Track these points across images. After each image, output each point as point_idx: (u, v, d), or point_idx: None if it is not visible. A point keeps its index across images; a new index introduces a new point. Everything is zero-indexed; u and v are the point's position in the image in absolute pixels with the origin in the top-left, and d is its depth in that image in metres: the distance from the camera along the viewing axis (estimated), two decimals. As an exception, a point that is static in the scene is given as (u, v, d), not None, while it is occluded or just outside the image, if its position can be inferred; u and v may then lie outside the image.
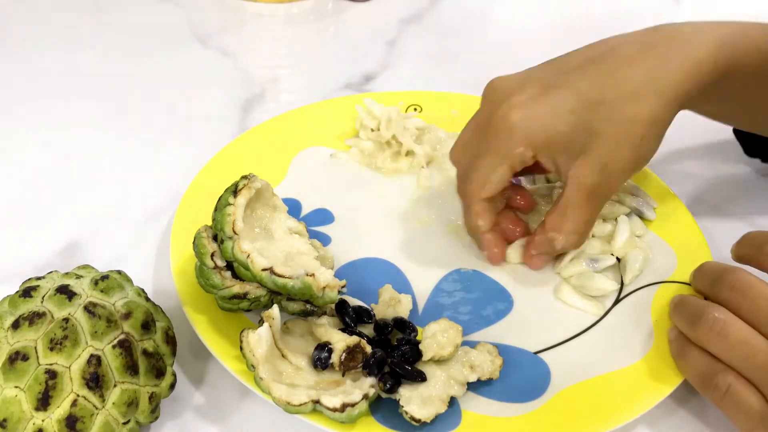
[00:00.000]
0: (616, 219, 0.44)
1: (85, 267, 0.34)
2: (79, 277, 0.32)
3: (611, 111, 0.36)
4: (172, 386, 0.33)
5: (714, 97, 0.40)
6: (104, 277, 0.32)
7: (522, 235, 0.42)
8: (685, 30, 0.38)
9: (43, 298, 0.30)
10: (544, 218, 0.40)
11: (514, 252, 0.42)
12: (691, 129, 0.56)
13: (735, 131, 0.51)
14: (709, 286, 0.35)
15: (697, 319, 0.33)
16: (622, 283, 0.41)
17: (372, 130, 0.50)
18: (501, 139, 0.37)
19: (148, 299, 0.33)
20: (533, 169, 0.40)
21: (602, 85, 0.37)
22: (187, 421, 0.35)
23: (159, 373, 0.32)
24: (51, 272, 0.33)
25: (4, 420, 0.28)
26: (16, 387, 0.29)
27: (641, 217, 0.44)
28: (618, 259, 0.42)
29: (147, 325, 0.32)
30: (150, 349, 0.31)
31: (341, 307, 0.36)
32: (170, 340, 0.33)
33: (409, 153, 0.50)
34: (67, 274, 0.32)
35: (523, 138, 0.37)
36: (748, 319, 0.32)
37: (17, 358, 0.29)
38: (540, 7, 0.76)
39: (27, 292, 0.31)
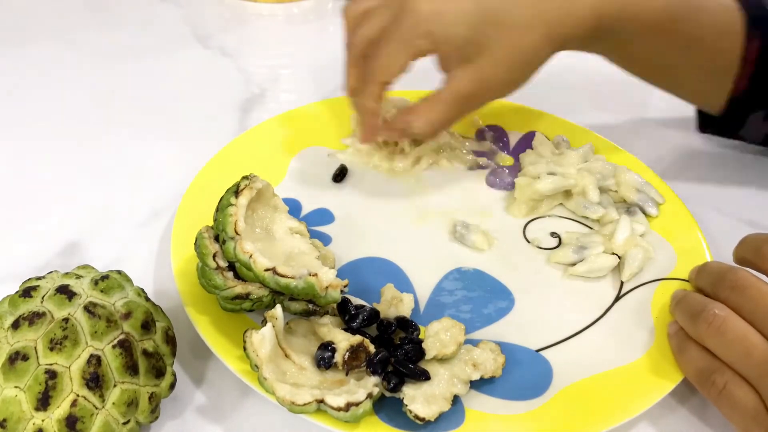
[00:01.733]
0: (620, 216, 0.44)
1: (85, 267, 0.34)
2: (79, 277, 0.32)
3: (502, 32, 0.40)
4: (172, 386, 0.33)
5: (607, 44, 0.44)
6: (104, 277, 0.32)
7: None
8: None
9: (43, 298, 0.30)
10: (410, 104, 0.43)
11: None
12: (691, 129, 0.56)
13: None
14: (710, 284, 0.36)
15: (697, 314, 0.34)
16: (621, 281, 0.41)
17: None
18: (406, 28, 0.40)
19: (148, 299, 0.33)
20: None
21: (500, 7, 0.40)
22: (187, 421, 0.35)
23: (159, 373, 0.31)
24: (51, 272, 0.33)
25: (4, 420, 0.28)
26: (16, 387, 0.28)
27: (644, 212, 0.44)
28: (619, 257, 0.42)
29: (147, 325, 0.31)
30: (150, 349, 0.31)
31: (343, 306, 0.36)
32: (170, 340, 0.33)
33: (402, 151, 0.50)
34: (67, 274, 0.32)
35: (425, 31, 0.40)
36: (748, 318, 0.32)
37: (17, 358, 0.29)
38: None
39: (27, 292, 0.31)
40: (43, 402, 0.28)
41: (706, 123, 0.51)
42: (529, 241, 0.44)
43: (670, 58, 0.44)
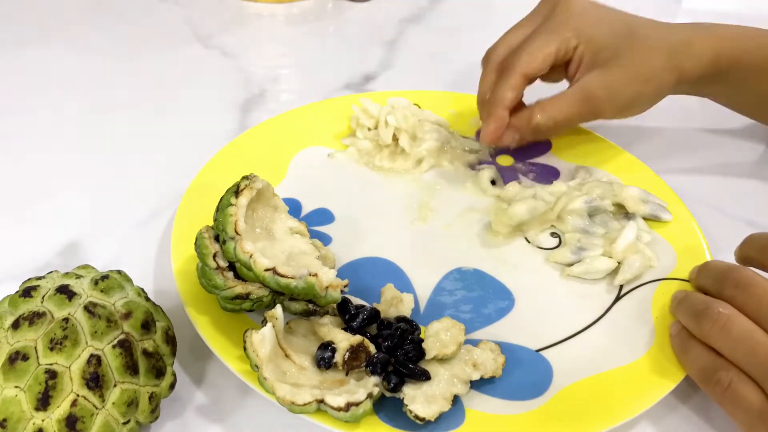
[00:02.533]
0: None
1: (85, 267, 0.34)
2: (79, 277, 0.32)
3: (635, 46, 0.43)
4: (172, 386, 0.33)
5: (722, 86, 0.47)
6: (104, 277, 0.32)
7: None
8: (700, 23, 0.45)
9: (43, 298, 0.30)
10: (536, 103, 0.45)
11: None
12: (691, 130, 0.56)
13: None
14: (713, 283, 0.36)
15: (700, 313, 0.34)
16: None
17: (369, 129, 0.50)
18: (557, 22, 0.44)
19: (148, 299, 0.33)
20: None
21: (636, 26, 0.44)
22: (187, 421, 0.35)
23: (159, 373, 0.32)
24: (51, 272, 0.33)
25: (4, 420, 0.28)
26: (16, 387, 0.28)
27: (658, 220, 0.44)
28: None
29: (147, 325, 0.31)
30: (150, 349, 0.31)
31: (344, 306, 0.36)
32: (170, 339, 0.33)
33: (403, 151, 0.50)
34: (67, 274, 0.32)
35: (574, 27, 0.44)
36: (752, 316, 0.32)
37: (17, 358, 0.29)
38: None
39: (27, 292, 0.31)
40: (43, 402, 0.28)
41: None
42: (529, 241, 0.44)
43: None
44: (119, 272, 0.33)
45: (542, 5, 0.47)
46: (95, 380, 0.29)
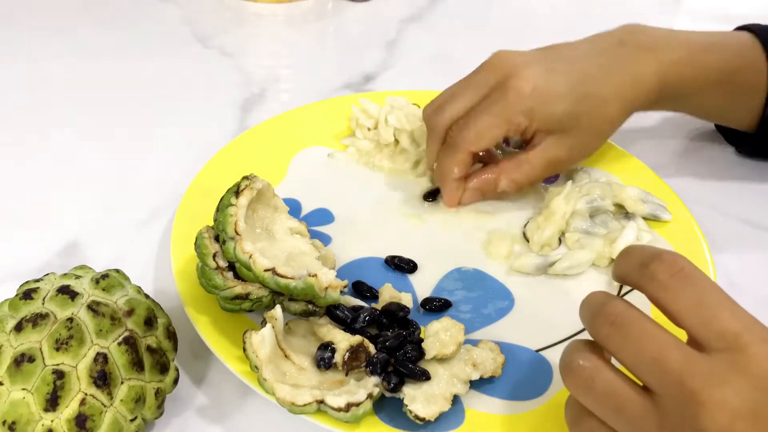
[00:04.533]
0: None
1: (83, 267, 0.34)
2: (78, 277, 0.32)
3: (591, 106, 0.44)
4: (176, 381, 0.33)
5: (669, 103, 0.48)
6: (104, 276, 0.32)
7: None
8: (645, 48, 0.45)
9: (44, 299, 0.30)
10: (499, 162, 0.46)
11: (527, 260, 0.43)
12: (691, 130, 0.56)
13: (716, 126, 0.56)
14: (589, 319, 0.29)
15: (566, 366, 0.28)
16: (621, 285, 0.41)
17: (369, 130, 0.50)
18: (508, 105, 0.42)
19: (147, 296, 0.33)
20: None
21: (593, 80, 0.44)
22: (187, 421, 0.35)
23: (163, 368, 0.32)
24: (48, 274, 0.33)
25: (14, 423, 0.28)
26: (24, 389, 0.29)
27: (658, 220, 0.44)
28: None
29: (149, 322, 0.32)
30: (153, 345, 0.31)
31: (332, 314, 0.36)
32: (171, 335, 0.33)
33: (403, 151, 0.50)
34: (65, 275, 0.32)
35: (527, 110, 0.43)
36: (628, 363, 0.27)
37: (23, 360, 0.29)
38: (540, 8, 0.76)
39: (27, 295, 0.31)
40: (52, 402, 0.28)
41: (741, 143, 0.53)
42: (529, 241, 0.44)
43: (726, 104, 0.48)
44: (117, 271, 0.33)
45: (488, 74, 0.44)
46: (103, 378, 0.29)
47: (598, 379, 0.27)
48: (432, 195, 0.47)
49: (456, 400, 0.33)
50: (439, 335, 0.34)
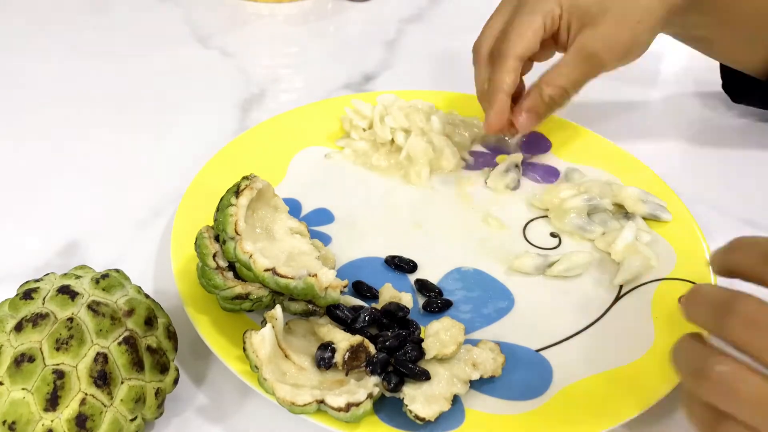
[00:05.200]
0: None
1: (83, 267, 0.34)
2: (78, 277, 0.32)
3: None
4: (176, 381, 0.33)
5: (705, 16, 0.46)
6: (104, 276, 0.32)
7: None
8: None
9: (44, 299, 0.30)
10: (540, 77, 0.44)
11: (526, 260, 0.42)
12: (691, 129, 0.56)
13: (723, 82, 0.55)
14: (712, 319, 0.27)
15: (698, 373, 0.26)
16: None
17: (363, 130, 0.50)
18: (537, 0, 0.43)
19: (147, 296, 0.33)
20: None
21: None
22: (187, 422, 0.35)
23: (163, 368, 0.32)
24: (48, 274, 0.33)
25: (14, 422, 0.28)
26: (24, 389, 0.29)
27: (658, 220, 0.44)
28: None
29: (150, 321, 0.32)
30: (153, 345, 0.31)
31: (332, 313, 0.36)
32: (171, 335, 0.33)
33: (399, 149, 0.50)
34: (65, 274, 0.32)
35: None
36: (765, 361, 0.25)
37: (23, 359, 0.29)
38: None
39: (27, 295, 0.31)
40: (52, 402, 0.28)
41: (741, 94, 0.53)
42: (529, 241, 0.44)
43: (753, 34, 0.47)
44: (117, 271, 0.33)
45: None
46: (103, 378, 0.29)
47: (744, 384, 0.25)
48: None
49: (456, 400, 0.33)
50: (439, 335, 0.34)
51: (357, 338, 0.34)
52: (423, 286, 0.40)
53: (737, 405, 0.25)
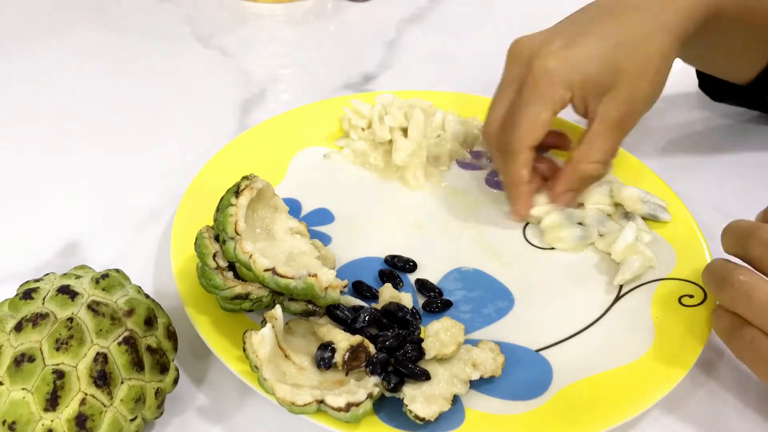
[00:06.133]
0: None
1: (83, 267, 0.34)
2: (78, 277, 0.32)
3: (631, 49, 0.41)
4: (176, 381, 0.33)
5: (701, 40, 0.44)
6: (104, 276, 0.32)
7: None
8: None
9: (44, 299, 0.30)
10: (571, 154, 0.43)
11: (537, 209, 0.44)
12: (691, 130, 0.56)
13: (699, 80, 0.55)
14: (736, 245, 0.35)
15: (722, 281, 0.33)
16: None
17: (362, 129, 0.50)
18: (542, 86, 0.41)
19: (147, 296, 0.33)
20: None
21: (618, 29, 0.42)
22: (187, 421, 0.35)
23: (163, 368, 0.32)
24: (48, 274, 0.33)
25: (14, 422, 0.28)
26: (24, 389, 0.29)
27: (657, 220, 0.44)
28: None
29: (150, 321, 0.32)
30: (153, 345, 0.31)
31: (332, 314, 0.36)
32: (171, 335, 0.33)
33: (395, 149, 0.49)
34: (65, 274, 0.32)
35: (562, 81, 0.41)
36: None
37: (23, 359, 0.29)
38: (540, 7, 0.76)
39: (27, 294, 0.31)
40: (52, 402, 0.28)
41: (721, 93, 0.52)
42: (529, 241, 0.44)
43: (748, 44, 0.46)
44: (117, 271, 0.33)
45: (513, 66, 0.43)
46: (103, 378, 0.29)
47: (759, 290, 0.32)
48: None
49: (456, 400, 0.33)
50: (439, 335, 0.34)
51: (357, 338, 0.34)
52: (423, 285, 0.40)
53: (751, 309, 0.32)
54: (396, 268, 0.42)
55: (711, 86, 0.53)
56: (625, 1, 0.43)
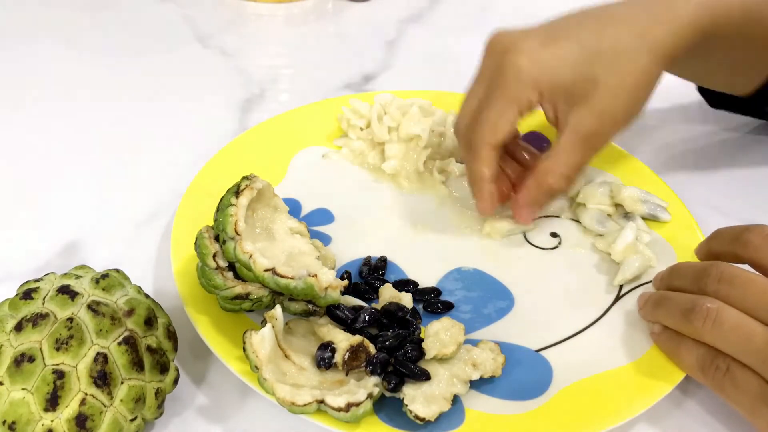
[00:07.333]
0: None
1: (83, 267, 0.34)
2: (78, 277, 0.32)
3: (611, 62, 0.38)
4: (176, 381, 0.33)
5: (697, 58, 0.42)
6: (104, 276, 0.32)
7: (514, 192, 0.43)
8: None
9: (44, 299, 0.30)
10: (536, 164, 0.41)
11: (501, 223, 0.44)
12: (692, 130, 0.56)
13: (699, 87, 0.53)
14: (691, 283, 0.35)
15: (689, 311, 0.33)
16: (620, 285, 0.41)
17: (361, 129, 0.50)
18: (509, 84, 0.39)
19: (147, 296, 0.33)
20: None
21: (601, 38, 0.39)
22: (188, 421, 0.35)
23: (163, 368, 0.32)
24: (48, 274, 0.33)
25: (14, 423, 0.28)
26: (24, 389, 0.29)
27: (656, 220, 0.44)
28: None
29: (150, 321, 0.32)
30: (153, 345, 0.31)
31: (333, 313, 0.36)
32: (171, 335, 0.33)
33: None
34: (65, 274, 0.32)
35: (530, 82, 0.39)
36: (740, 307, 0.32)
37: (23, 359, 0.29)
38: (540, 7, 0.76)
39: (27, 294, 0.31)
40: (52, 402, 0.28)
41: (719, 101, 0.52)
42: (529, 241, 0.44)
43: (745, 59, 0.44)
44: (117, 271, 0.33)
45: (488, 59, 0.41)
46: (103, 378, 0.29)
47: (726, 315, 0.32)
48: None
49: (456, 400, 0.33)
50: (439, 335, 0.34)
51: (357, 338, 0.34)
52: (419, 292, 0.40)
53: (719, 334, 0.32)
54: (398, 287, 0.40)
55: (710, 93, 0.53)
56: (613, 12, 0.40)
